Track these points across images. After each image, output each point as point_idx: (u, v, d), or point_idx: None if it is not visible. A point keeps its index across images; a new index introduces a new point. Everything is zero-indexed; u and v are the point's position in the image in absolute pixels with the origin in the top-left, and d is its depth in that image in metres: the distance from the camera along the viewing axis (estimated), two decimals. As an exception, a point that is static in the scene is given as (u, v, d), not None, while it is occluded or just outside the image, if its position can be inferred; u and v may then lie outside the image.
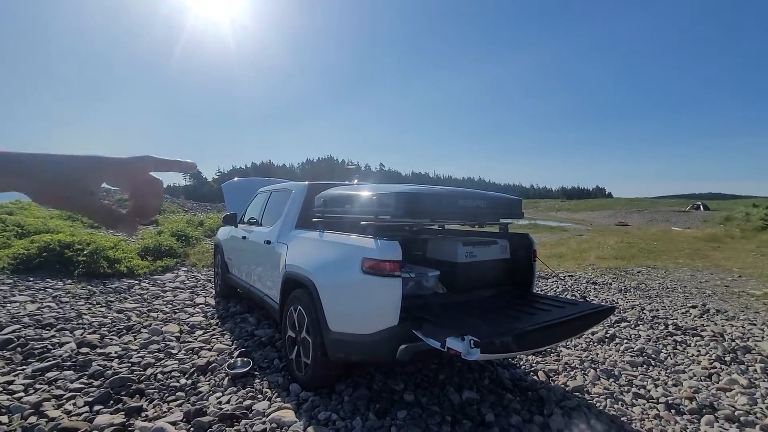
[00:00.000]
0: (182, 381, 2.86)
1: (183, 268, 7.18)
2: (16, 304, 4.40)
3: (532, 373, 3.09)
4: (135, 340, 3.63)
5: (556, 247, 11.67)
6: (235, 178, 6.48)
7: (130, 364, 3.09)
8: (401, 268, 2.28)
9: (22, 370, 2.90)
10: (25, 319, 3.93)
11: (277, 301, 3.20)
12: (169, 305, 4.80)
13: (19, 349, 3.22)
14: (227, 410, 2.44)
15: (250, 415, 2.42)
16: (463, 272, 2.85)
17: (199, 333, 3.89)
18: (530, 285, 3.16)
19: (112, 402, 2.55)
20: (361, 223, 2.57)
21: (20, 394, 2.58)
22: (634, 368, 3.23)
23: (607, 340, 3.84)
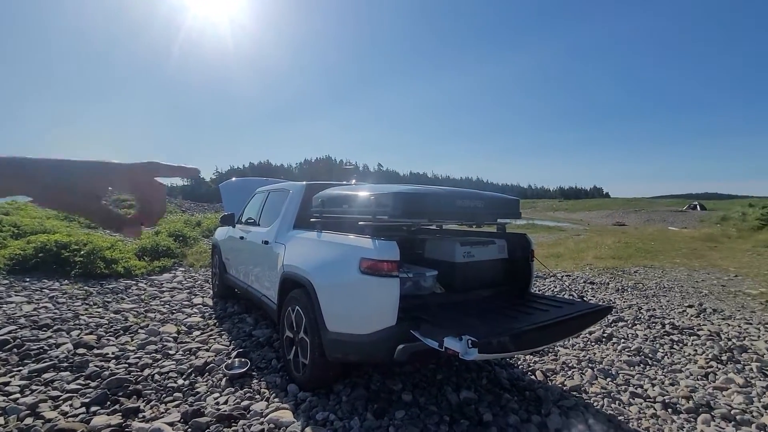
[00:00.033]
0: (180, 382, 2.86)
1: (180, 269, 7.16)
2: (13, 305, 4.38)
3: (529, 373, 3.10)
4: (132, 340, 3.62)
5: (553, 247, 11.70)
6: (233, 178, 6.46)
7: (127, 365, 3.08)
8: (399, 268, 2.28)
9: (19, 372, 2.88)
10: (22, 320, 3.91)
11: (275, 302, 3.19)
12: (167, 306, 4.79)
13: (15, 350, 3.21)
14: (225, 411, 2.44)
15: (248, 416, 2.42)
16: (461, 272, 2.86)
17: (197, 333, 3.88)
18: (528, 285, 3.17)
19: (109, 403, 2.54)
20: (359, 223, 2.57)
21: (16, 396, 2.57)
22: (631, 367, 3.24)
23: (604, 340, 3.85)
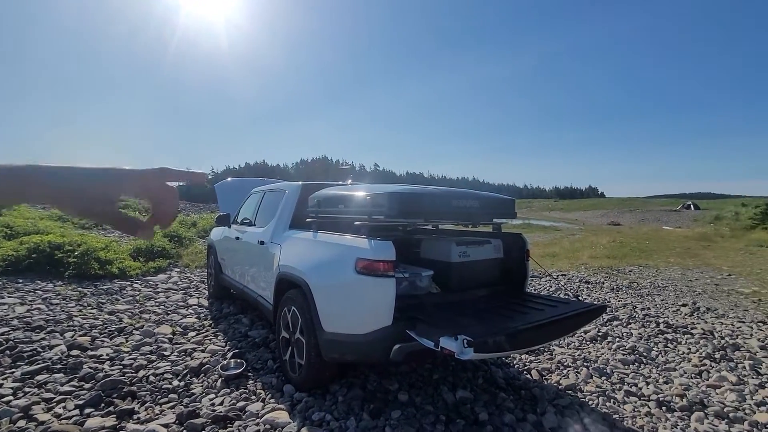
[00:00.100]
0: (175, 383, 2.84)
1: (176, 269, 7.12)
2: (5, 307, 4.33)
3: (525, 372, 3.11)
4: (127, 342, 3.59)
5: (549, 247, 11.75)
6: (229, 179, 6.43)
7: (121, 367, 3.06)
8: (395, 268, 2.28)
9: (11, 374, 2.86)
10: (14, 322, 3.87)
11: (271, 302, 3.19)
12: (162, 306, 4.76)
13: (7, 352, 3.17)
14: (220, 412, 2.43)
15: (244, 417, 2.41)
16: (457, 272, 2.86)
17: (192, 334, 3.86)
18: (523, 284, 3.18)
19: (103, 405, 2.52)
20: (355, 223, 2.57)
21: (9, 398, 2.54)
22: (626, 366, 3.26)
23: (599, 339, 3.87)
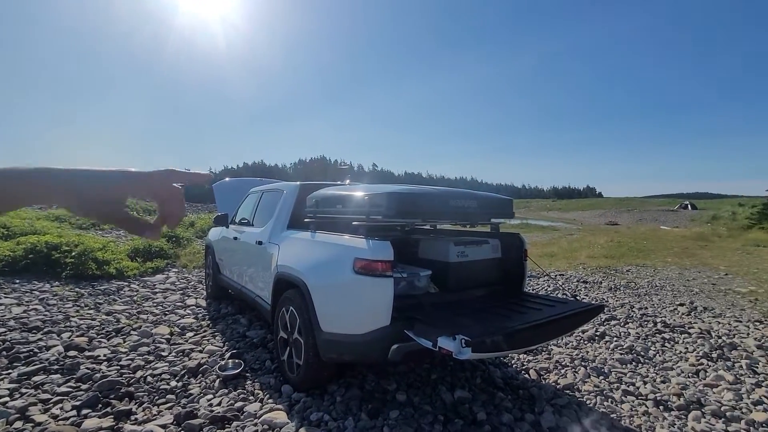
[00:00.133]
0: (172, 383, 2.83)
1: (173, 270, 7.11)
2: (2, 307, 4.31)
3: (523, 372, 3.12)
4: (124, 342, 3.58)
5: (547, 247, 11.77)
6: (227, 179, 6.42)
7: (119, 367, 3.05)
8: (393, 268, 2.28)
9: (8, 375, 2.84)
10: (11, 323, 3.86)
11: (269, 302, 3.18)
12: (160, 307, 4.75)
13: (4, 353, 3.16)
14: (218, 412, 2.42)
15: (242, 417, 2.41)
16: (455, 272, 2.86)
17: (190, 335, 3.85)
18: (521, 284, 3.19)
19: (100, 406, 2.51)
20: (353, 223, 2.57)
21: (5, 399, 2.53)
22: (624, 365, 3.27)
23: (597, 338, 3.88)
